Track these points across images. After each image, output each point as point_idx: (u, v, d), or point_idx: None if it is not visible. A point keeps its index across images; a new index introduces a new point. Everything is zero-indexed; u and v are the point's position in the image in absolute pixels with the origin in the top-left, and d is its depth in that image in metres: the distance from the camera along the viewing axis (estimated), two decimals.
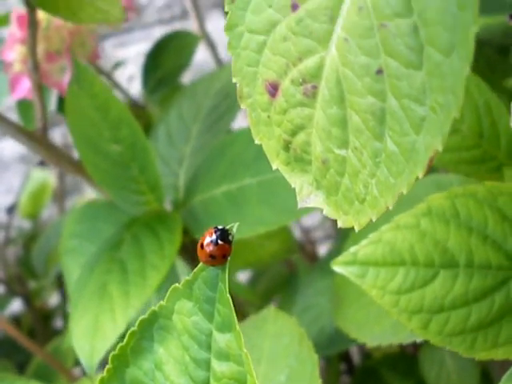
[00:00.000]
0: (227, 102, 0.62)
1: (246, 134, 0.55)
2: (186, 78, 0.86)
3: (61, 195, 1.18)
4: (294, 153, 0.31)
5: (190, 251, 0.57)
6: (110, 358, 0.33)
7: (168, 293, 0.31)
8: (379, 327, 0.48)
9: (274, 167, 0.32)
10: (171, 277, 0.55)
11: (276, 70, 0.29)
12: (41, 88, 0.55)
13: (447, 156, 0.47)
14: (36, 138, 0.54)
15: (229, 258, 0.31)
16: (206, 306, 0.31)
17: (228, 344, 0.31)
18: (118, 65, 0.78)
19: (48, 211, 1.32)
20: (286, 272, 0.85)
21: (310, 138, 0.30)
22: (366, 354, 0.94)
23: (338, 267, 0.41)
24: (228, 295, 0.30)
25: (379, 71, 0.25)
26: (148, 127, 0.76)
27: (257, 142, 0.32)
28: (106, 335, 0.49)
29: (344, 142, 0.28)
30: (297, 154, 0.31)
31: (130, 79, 1.33)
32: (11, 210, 1.16)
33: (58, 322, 1.16)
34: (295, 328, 0.48)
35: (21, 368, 0.95)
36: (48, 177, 1.23)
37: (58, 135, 1.22)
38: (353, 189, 0.29)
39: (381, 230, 0.40)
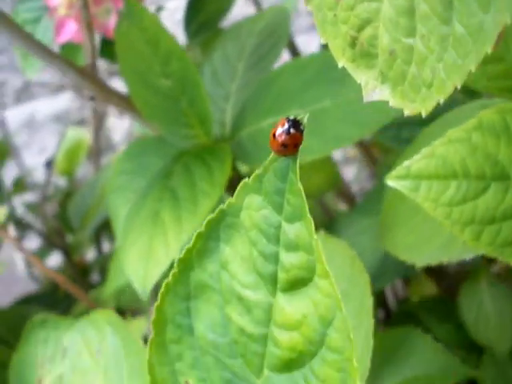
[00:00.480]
0: (271, 40, 0.63)
1: (292, 66, 0.56)
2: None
3: (96, 153, 1.19)
4: (361, 48, 0.31)
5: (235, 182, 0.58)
6: (175, 262, 0.32)
7: (237, 189, 0.31)
8: (429, 247, 0.49)
9: (340, 65, 0.32)
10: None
11: None
12: (91, 25, 0.55)
13: (492, 83, 0.48)
14: (86, 73, 0.55)
15: (300, 147, 0.32)
16: (276, 197, 0.31)
17: (297, 233, 0.30)
18: (160, 9, 0.79)
19: (83, 169, 1.34)
20: (325, 219, 0.85)
21: (377, 32, 0.30)
22: (402, 300, 0.95)
23: (391, 181, 0.42)
24: (299, 185, 0.30)
25: None
26: None
27: (322, 41, 0.33)
28: (159, 259, 0.50)
29: (411, 31, 0.29)
30: (363, 49, 0.31)
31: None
32: (49, 164, 1.17)
33: (95, 277, 1.18)
34: (346, 250, 0.49)
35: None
36: (83, 135, 1.24)
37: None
38: (419, 76, 0.30)
39: (433, 144, 0.41)
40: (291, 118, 0.33)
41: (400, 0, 0.29)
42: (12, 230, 1.18)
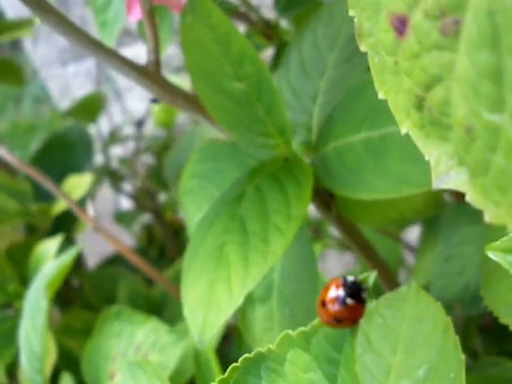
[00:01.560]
0: None
1: None
2: None
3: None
4: (429, 113, 0.22)
5: (321, 196, 0.51)
6: None
7: (278, 339, 0.29)
8: None
9: (403, 131, 0.24)
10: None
11: None
12: (152, 15, 0.48)
13: None
14: (148, 73, 0.48)
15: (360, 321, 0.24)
16: (328, 367, 0.26)
17: None
18: None
19: (182, 119, 1.29)
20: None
21: (449, 95, 0.21)
22: None
23: (493, 254, 0.33)
24: (355, 365, 0.23)
25: None
26: (282, 48, 0.69)
27: (381, 96, 0.24)
28: (220, 308, 0.43)
29: (498, 103, 0.19)
30: (432, 116, 0.22)
31: None
32: (140, 124, 1.13)
33: None
34: (440, 314, 0.41)
35: (150, 283, 0.94)
36: (182, 82, 1.18)
37: None
38: (509, 171, 0.20)
39: None
40: (350, 279, 0.25)
41: (482, 54, 0.19)
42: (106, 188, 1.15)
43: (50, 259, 0.74)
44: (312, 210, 0.52)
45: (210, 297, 0.44)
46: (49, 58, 1.62)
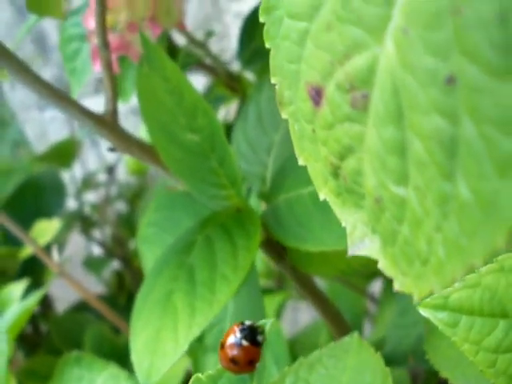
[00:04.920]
0: None
1: None
2: None
3: None
4: (344, 182, 0.23)
5: (274, 247, 0.52)
6: None
7: (191, 381, 0.27)
8: (475, 371, 0.41)
9: (322, 197, 0.25)
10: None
11: (320, 70, 0.22)
12: (110, 66, 0.49)
13: None
14: (105, 122, 0.49)
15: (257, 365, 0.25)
16: None
17: None
18: (210, 34, 0.72)
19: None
20: None
21: (361, 165, 0.22)
22: None
23: (424, 310, 0.34)
24: None
25: (450, 79, 0.17)
26: (244, 97, 0.70)
27: (301, 162, 0.25)
28: (166, 354, 0.43)
29: (403, 177, 0.20)
30: (347, 184, 0.23)
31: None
32: (111, 170, 1.14)
33: None
34: (379, 365, 0.42)
35: (117, 330, 0.94)
36: None
37: None
38: (413, 242, 0.21)
39: (480, 271, 0.33)
40: (247, 323, 0.26)
41: (388, 129, 0.20)
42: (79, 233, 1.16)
43: (15, 303, 0.75)
44: None
45: (156, 344, 0.44)
46: (27, 102, 1.63)
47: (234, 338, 0.26)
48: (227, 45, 1.28)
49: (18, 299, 0.75)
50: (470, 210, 0.18)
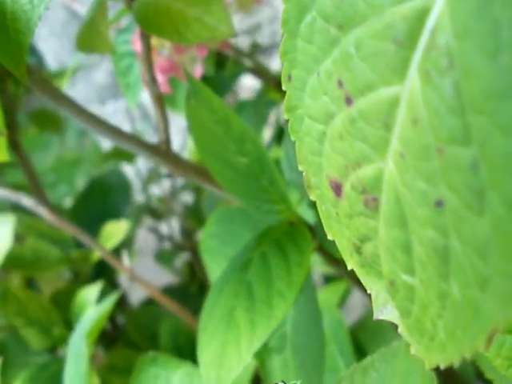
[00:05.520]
0: None
1: None
2: None
3: None
4: (366, 259, 0.26)
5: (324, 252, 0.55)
6: None
7: None
8: None
9: (349, 267, 0.27)
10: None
11: (337, 169, 0.25)
12: (161, 99, 0.53)
13: None
14: (159, 151, 0.53)
15: None
16: None
17: None
18: (256, 47, 0.74)
19: None
20: None
21: (378, 250, 0.25)
22: None
23: None
24: None
25: (439, 203, 0.20)
26: None
27: (329, 237, 0.28)
28: (231, 366, 0.47)
29: (410, 270, 0.23)
30: (368, 261, 0.26)
31: None
32: None
33: None
34: (425, 369, 0.45)
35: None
36: None
37: None
38: (423, 321, 0.24)
39: None
40: None
41: (395, 230, 0.23)
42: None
43: (91, 305, 0.79)
44: None
45: (222, 358, 0.48)
46: (88, 96, 1.68)
47: None
48: (279, 27, 1.29)
49: (93, 302, 0.79)
50: (460, 309, 0.21)
